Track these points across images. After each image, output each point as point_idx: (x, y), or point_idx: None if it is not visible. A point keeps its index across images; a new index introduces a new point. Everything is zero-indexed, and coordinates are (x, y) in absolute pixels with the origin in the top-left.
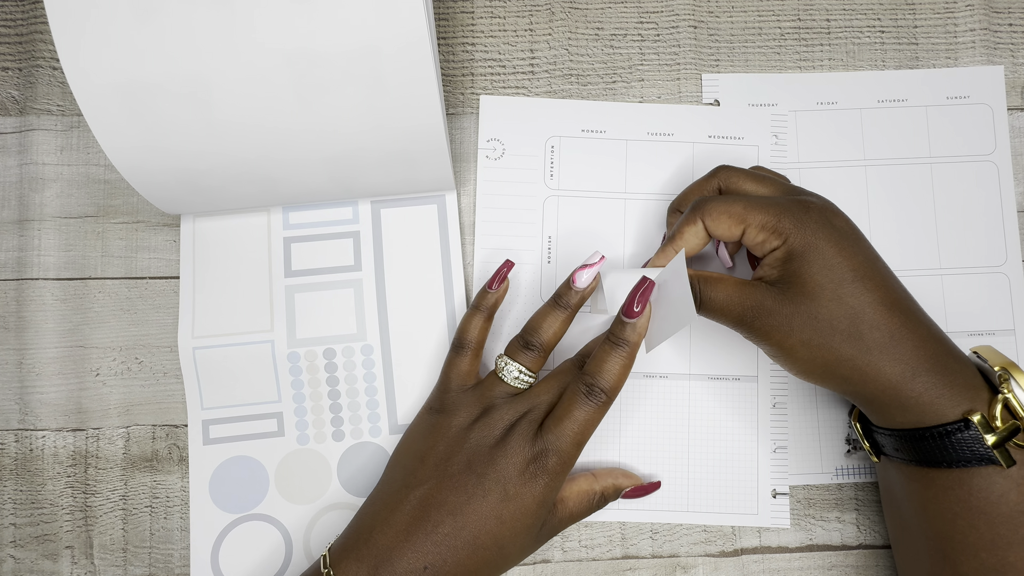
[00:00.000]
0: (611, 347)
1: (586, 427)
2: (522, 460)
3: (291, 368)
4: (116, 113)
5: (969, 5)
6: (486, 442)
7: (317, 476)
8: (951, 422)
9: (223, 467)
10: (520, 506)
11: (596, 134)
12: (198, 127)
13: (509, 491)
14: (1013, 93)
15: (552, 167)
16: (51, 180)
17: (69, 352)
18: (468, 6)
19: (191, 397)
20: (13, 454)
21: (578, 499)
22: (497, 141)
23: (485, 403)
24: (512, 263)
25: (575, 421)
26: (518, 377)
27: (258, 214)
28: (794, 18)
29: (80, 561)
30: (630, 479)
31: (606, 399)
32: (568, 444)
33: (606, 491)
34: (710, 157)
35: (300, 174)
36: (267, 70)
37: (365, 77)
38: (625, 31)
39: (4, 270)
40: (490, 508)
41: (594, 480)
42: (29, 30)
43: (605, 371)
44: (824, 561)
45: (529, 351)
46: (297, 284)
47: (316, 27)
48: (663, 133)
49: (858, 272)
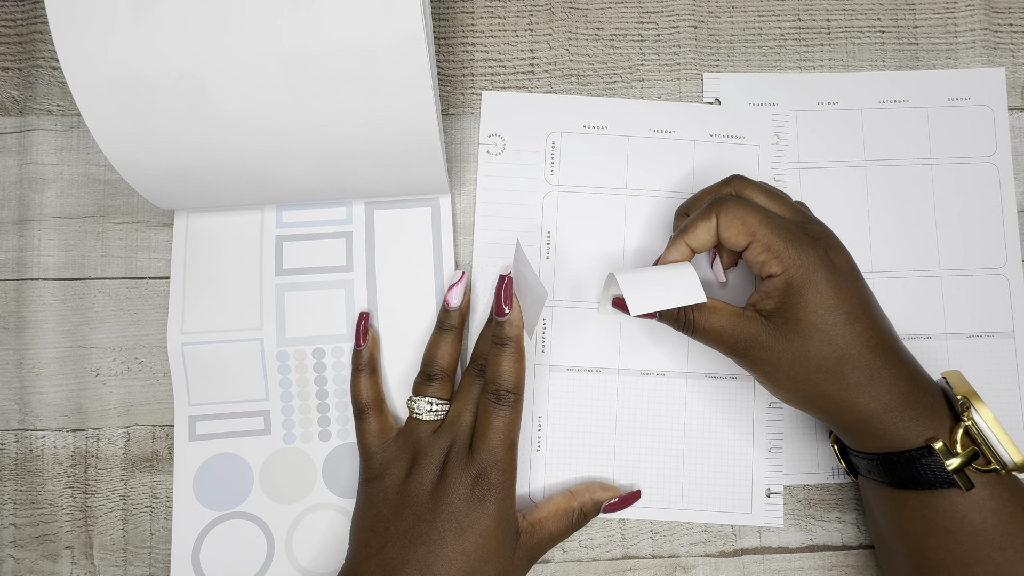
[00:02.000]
0: (499, 349)
1: (510, 430)
2: (465, 489)
3: (280, 367)
4: (111, 106)
5: (969, 5)
6: (426, 488)
7: (302, 476)
8: (915, 448)
9: (208, 464)
10: (479, 532)
11: (598, 130)
12: (192, 122)
13: (463, 523)
14: (1013, 93)
15: (553, 163)
16: (51, 180)
17: (69, 352)
18: (468, 6)
19: (178, 393)
20: (13, 454)
21: (556, 518)
22: (498, 136)
23: (411, 450)
24: (367, 313)
25: (498, 430)
26: (432, 409)
27: (251, 211)
28: (794, 18)
29: (80, 561)
30: (609, 491)
31: (515, 397)
32: (501, 453)
33: (584, 507)
34: (711, 155)
35: (293, 172)
36: (261, 68)
37: (360, 78)
38: (625, 31)
39: (4, 270)
40: (451, 548)
41: (571, 497)
42: (29, 30)
43: (502, 373)
44: (824, 561)
45: (433, 381)
46: (288, 283)
47: (312, 27)
48: (664, 130)
49: (851, 315)
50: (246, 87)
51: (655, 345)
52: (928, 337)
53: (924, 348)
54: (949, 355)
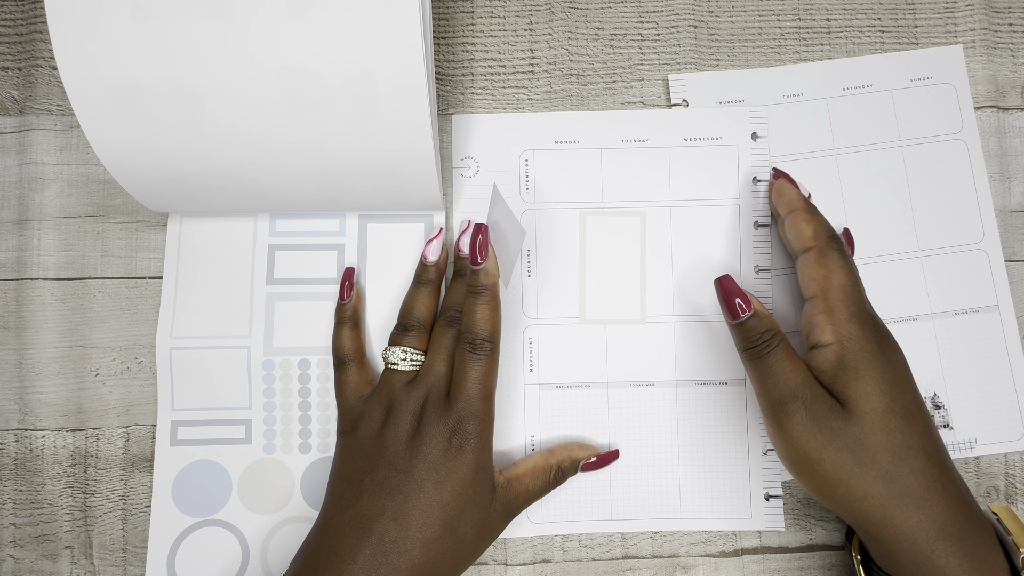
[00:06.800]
0: (474, 297)
1: (486, 379)
2: (443, 439)
3: (264, 376)
4: (108, 113)
5: (969, 5)
6: (402, 438)
7: (280, 487)
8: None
9: (187, 470)
10: (457, 481)
11: (570, 145)
12: (188, 131)
13: (441, 473)
14: (1013, 93)
15: (527, 180)
16: (51, 180)
17: (69, 352)
18: (468, 6)
19: (163, 397)
20: (13, 454)
21: (534, 475)
22: (471, 159)
23: (386, 402)
24: (353, 268)
25: (475, 380)
26: (406, 358)
27: (245, 219)
28: (794, 18)
29: (80, 561)
30: (587, 450)
31: (491, 346)
32: (478, 403)
33: (562, 464)
34: (687, 160)
35: (287, 183)
36: (259, 82)
37: (357, 98)
38: (625, 31)
39: (4, 270)
40: (428, 497)
41: (549, 455)
42: (29, 30)
43: (478, 322)
44: (824, 561)
45: (409, 331)
46: (278, 292)
47: (311, 45)
48: (637, 139)
49: (906, 410)
50: (243, 99)
51: (642, 355)
52: (914, 319)
53: (911, 330)
54: (936, 335)
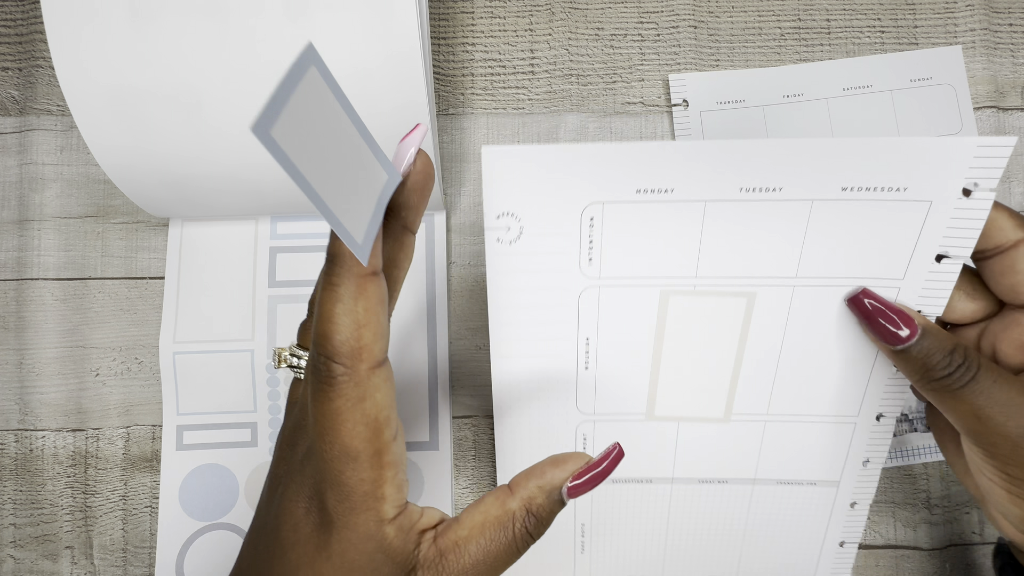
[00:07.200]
0: (321, 286)
1: (336, 422)
2: (299, 519)
3: (268, 379)
4: (106, 116)
5: (969, 5)
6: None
7: None
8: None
9: (194, 474)
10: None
11: (658, 195)
12: (187, 134)
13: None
14: (1013, 93)
15: (591, 247)
16: (51, 180)
17: (69, 352)
18: (468, 6)
19: (167, 402)
20: (13, 454)
21: (485, 533)
22: (511, 216)
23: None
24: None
25: (323, 423)
26: (293, 362)
27: (246, 222)
28: (794, 18)
29: (80, 561)
30: (566, 464)
31: (342, 370)
32: (337, 464)
33: (532, 503)
34: (836, 220)
35: (287, 186)
36: (258, 85)
37: (355, 100)
38: (625, 31)
39: (4, 270)
40: None
41: (507, 495)
42: (29, 30)
43: (320, 328)
44: None
45: (308, 320)
46: (280, 295)
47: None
48: (764, 188)
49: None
50: (242, 101)
51: (718, 453)
52: None
53: None
54: None
